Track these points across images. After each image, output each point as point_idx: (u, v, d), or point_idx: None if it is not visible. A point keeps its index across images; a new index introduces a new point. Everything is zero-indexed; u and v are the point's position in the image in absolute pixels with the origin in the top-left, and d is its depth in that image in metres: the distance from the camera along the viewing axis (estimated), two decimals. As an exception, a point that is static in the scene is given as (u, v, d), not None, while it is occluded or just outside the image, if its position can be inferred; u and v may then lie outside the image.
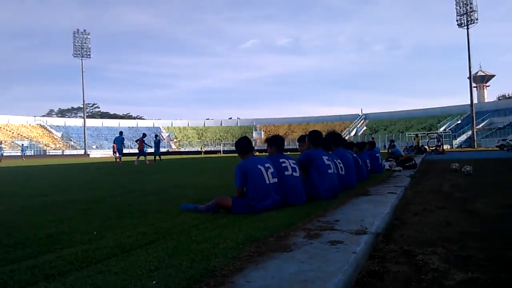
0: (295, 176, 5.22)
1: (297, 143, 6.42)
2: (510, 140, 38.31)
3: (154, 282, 2.20)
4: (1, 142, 56.03)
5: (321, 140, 6.16)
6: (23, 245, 3.41)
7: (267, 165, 4.89)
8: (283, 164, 5.20)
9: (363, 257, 2.84)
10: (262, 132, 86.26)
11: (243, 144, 5.16)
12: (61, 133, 77.38)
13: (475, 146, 52.37)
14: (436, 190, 7.34)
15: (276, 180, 4.89)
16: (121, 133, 27.72)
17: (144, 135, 27.10)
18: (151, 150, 28.22)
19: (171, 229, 3.88)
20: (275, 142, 5.49)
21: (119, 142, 26.66)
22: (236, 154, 5.27)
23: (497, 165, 15.00)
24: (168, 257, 2.79)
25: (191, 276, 2.26)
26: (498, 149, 42.80)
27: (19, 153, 56.61)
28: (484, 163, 16.26)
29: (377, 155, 11.31)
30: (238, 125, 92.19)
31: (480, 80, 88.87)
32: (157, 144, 28.07)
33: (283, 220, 3.94)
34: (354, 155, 8.39)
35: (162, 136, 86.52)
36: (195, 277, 2.25)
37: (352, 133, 78.26)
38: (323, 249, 2.88)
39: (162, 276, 2.29)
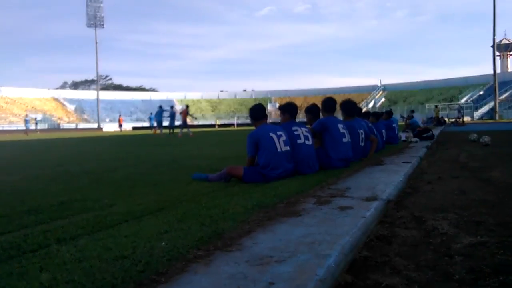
0: (308, 144, 5.19)
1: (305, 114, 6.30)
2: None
3: (163, 243, 2.23)
4: (26, 115, 56.77)
5: (335, 107, 6.09)
6: (36, 212, 3.47)
7: (279, 133, 4.86)
8: (296, 132, 5.17)
9: (372, 222, 2.83)
10: (277, 104, 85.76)
11: (257, 110, 5.14)
12: (75, 106, 77.78)
13: (497, 118, 51.35)
14: (452, 160, 7.26)
15: (288, 148, 4.87)
16: (160, 107, 28.99)
17: (187, 106, 27.86)
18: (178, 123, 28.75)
19: (181, 197, 3.92)
20: (288, 109, 5.44)
21: (159, 115, 28.14)
22: (250, 127, 5.26)
23: (515, 137, 14.75)
24: (177, 221, 2.82)
25: (199, 238, 2.29)
26: (519, 121, 42.02)
27: (33, 127, 57.42)
28: (504, 134, 15.99)
29: (393, 125, 11.16)
30: (253, 97, 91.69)
31: (504, 48, 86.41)
32: (173, 116, 28.24)
33: (294, 188, 3.95)
34: (370, 124, 8.31)
35: (176, 109, 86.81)
36: (204, 239, 2.28)
37: (370, 105, 77.30)
38: (332, 214, 2.88)
39: (171, 238, 2.32)
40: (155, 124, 28.23)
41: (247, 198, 3.57)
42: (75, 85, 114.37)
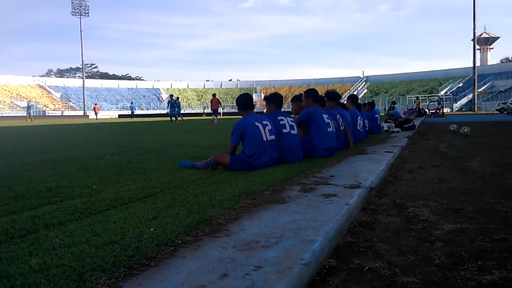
0: (293, 134, 5.25)
1: (290, 103, 6.41)
2: (510, 104, 38.15)
3: (152, 229, 2.27)
4: (29, 101, 55.90)
5: (322, 99, 6.17)
6: (23, 197, 3.47)
7: (264, 122, 4.91)
8: (281, 122, 5.22)
9: (356, 208, 2.91)
10: (262, 94, 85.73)
11: (244, 99, 5.17)
12: (60, 93, 76.82)
13: (476, 110, 52.20)
14: (433, 150, 7.40)
15: (273, 137, 4.92)
16: (171, 96, 29.92)
17: (214, 95, 28.95)
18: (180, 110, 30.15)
19: (169, 184, 3.95)
20: (274, 99, 5.49)
21: (172, 105, 28.75)
22: (236, 116, 5.28)
23: (495, 127, 15.05)
24: (165, 208, 2.86)
25: (187, 224, 2.33)
26: (498, 112, 42.77)
27: (20, 114, 56.53)
28: (482, 125, 16.29)
29: (376, 116, 11.35)
30: (238, 87, 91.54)
31: (484, 42, 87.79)
32: (173, 104, 28.85)
33: (279, 176, 4.00)
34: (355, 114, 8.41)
35: (161, 98, 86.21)
36: (192, 225, 2.32)
37: (353, 96, 77.70)
38: (317, 201, 2.95)
39: (159, 224, 2.36)
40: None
41: (233, 185, 3.62)
42: (60, 73, 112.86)
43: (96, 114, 53.93)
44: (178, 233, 2.18)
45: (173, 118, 28.87)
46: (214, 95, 28.99)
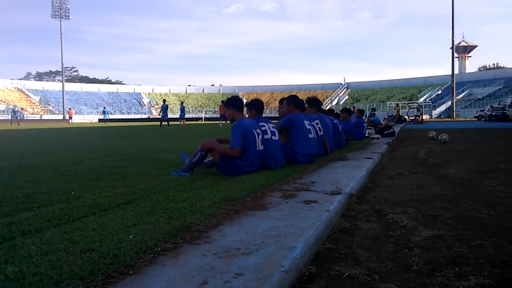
0: (274, 140, 5.26)
1: (278, 105, 6.45)
2: (487, 111, 38.99)
3: (131, 236, 2.24)
4: (14, 106, 54.85)
5: (303, 105, 6.21)
6: (0, 203, 3.41)
7: (258, 130, 4.92)
8: (263, 128, 5.22)
9: (336, 215, 2.92)
10: (245, 99, 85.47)
11: (239, 101, 5.16)
12: (39, 97, 75.62)
13: (454, 117, 53.11)
14: (412, 156, 7.51)
15: (262, 147, 4.94)
16: (164, 101, 30.25)
17: (223, 101, 28.95)
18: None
19: (149, 190, 3.92)
20: (255, 105, 5.49)
21: (164, 110, 29.13)
22: (217, 121, 5.20)
23: (473, 134, 15.34)
24: (145, 214, 2.83)
25: (167, 231, 2.31)
26: (476, 119, 43.61)
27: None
28: (460, 132, 16.59)
29: (364, 124, 11.73)
30: (221, 92, 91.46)
31: (462, 50, 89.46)
32: (165, 109, 29.16)
33: (260, 182, 4.00)
34: (335, 121, 8.49)
35: (143, 102, 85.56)
36: (172, 232, 2.30)
37: (334, 102, 78.48)
38: (297, 207, 2.95)
39: (139, 231, 2.33)
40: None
41: (214, 191, 3.60)
42: (39, 76, 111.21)
43: (70, 118, 53.14)
44: (157, 240, 2.16)
45: (164, 123, 29.17)
46: (222, 101, 29.70)
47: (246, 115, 5.52)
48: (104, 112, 49.91)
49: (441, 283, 1.79)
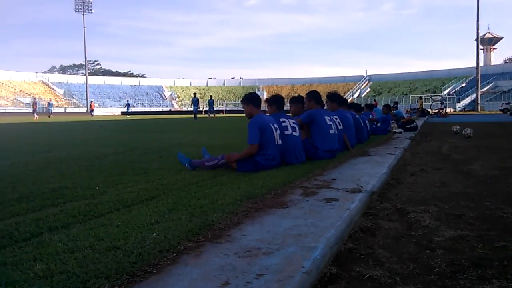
0: (295, 136, 5.27)
1: (289, 105, 6.40)
2: (513, 104, 38.12)
3: (154, 234, 2.29)
4: (50, 99, 56.07)
5: (322, 100, 6.19)
6: (27, 199, 3.50)
7: (275, 125, 4.95)
8: (283, 124, 5.24)
9: (357, 214, 2.92)
10: (265, 93, 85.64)
11: (257, 97, 5.21)
12: (63, 90, 77.02)
13: (479, 110, 52.09)
14: (435, 152, 7.41)
15: (281, 142, 4.96)
16: (194, 94, 32.24)
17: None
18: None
19: (171, 186, 3.97)
20: (275, 101, 5.50)
21: (195, 103, 30.52)
22: (238, 114, 5.24)
23: (498, 129, 15.04)
24: (168, 211, 2.88)
25: (190, 229, 2.35)
26: (501, 112, 42.70)
27: (22, 110, 56.65)
28: (485, 126, 16.28)
29: (390, 121, 11.73)
30: (241, 85, 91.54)
31: (487, 42, 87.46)
32: (196, 103, 30.37)
33: (281, 179, 4.02)
34: (357, 116, 8.43)
35: (164, 95, 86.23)
36: (194, 230, 2.34)
37: (356, 95, 77.75)
38: (318, 205, 2.96)
39: (162, 229, 2.38)
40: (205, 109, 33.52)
41: (235, 188, 3.64)
42: (63, 69, 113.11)
43: (92, 111, 54.02)
44: (180, 238, 2.19)
45: (197, 116, 30.21)
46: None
47: (266, 111, 5.53)
48: (128, 105, 50.62)
49: (463, 286, 1.78)
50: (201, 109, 31.75)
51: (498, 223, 2.77)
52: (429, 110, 37.15)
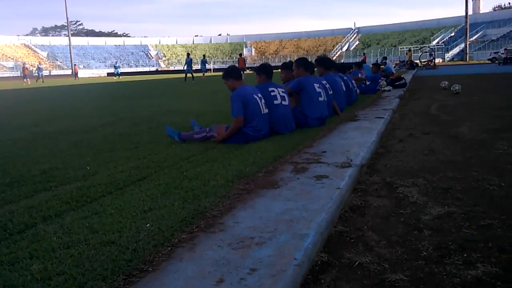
0: (284, 105, 5.25)
1: (280, 70, 6.42)
2: (501, 53, 38.05)
3: (148, 225, 2.32)
4: (39, 63, 54.65)
5: (312, 67, 6.12)
6: (18, 183, 3.52)
7: (259, 95, 4.92)
8: (272, 93, 5.21)
9: (347, 191, 2.97)
10: (253, 49, 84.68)
11: (236, 70, 5.20)
12: (47, 52, 75.42)
13: (467, 59, 52.05)
14: (423, 112, 7.46)
15: (267, 111, 4.94)
16: (188, 54, 31.60)
17: (241, 54, 34.26)
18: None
19: (162, 162, 3.99)
20: (264, 70, 5.44)
21: (188, 63, 29.83)
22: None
23: (486, 83, 15.10)
24: (160, 195, 2.90)
25: (183, 218, 2.37)
26: (489, 62, 42.70)
27: (6, 74, 55.54)
28: (473, 80, 16.33)
29: (379, 80, 11.73)
30: (228, 41, 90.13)
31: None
32: (189, 63, 29.79)
33: (271, 153, 4.03)
34: (345, 77, 8.39)
35: (150, 55, 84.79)
36: (187, 219, 2.37)
37: (344, 48, 77.13)
38: (309, 184, 3.00)
39: (155, 218, 2.40)
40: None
41: (226, 166, 3.65)
42: (45, 31, 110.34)
43: (76, 74, 53.05)
44: (174, 230, 2.22)
45: (188, 76, 29.44)
46: (240, 54, 33.36)
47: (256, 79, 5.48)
48: (115, 67, 49.95)
49: (449, 273, 1.85)
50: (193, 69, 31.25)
51: (485, 197, 2.83)
52: (418, 61, 36.98)
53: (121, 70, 54.02)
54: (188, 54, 31.80)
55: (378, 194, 3.03)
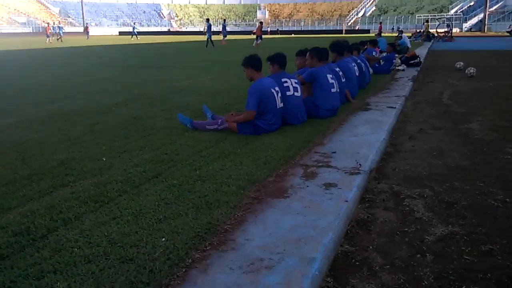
0: (296, 96, 5.29)
1: (294, 57, 6.44)
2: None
3: (164, 239, 2.45)
4: (59, 22, 54.50)
5: (327, 55, 6.08)
6: (38, 177, 3.64)
7: (276, 88, 4.95)
8: (285, 84, 5.24)
9: (354, 203, 3.07)
10: (267, 11, 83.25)
11: (257, 60, 5.02)
12: (59, 9, 74.86)
13: (485, 31, 50.88)
14: (436, 101, 7.44)
15: (282, 105, 4.99)
16: (207, 20, 31.41)
17: (261, 22, 33.39)
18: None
19: (175, 156, 4.11)
20: (277, 59, 5.43)
21: (209, 29, 29.34)
22: (240, 35, 5.08)
23: (502, 62, 14.88)
24: (174, 199, 3.05)
25: (196, 233, 2.50)
26: (508, 34, 41.76)
27: (18, 30, 55.45)
28: (489, 59, 16.08)
29: (393, 60, 11.62)
30: (242, 3, 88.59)
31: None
32: (209, 28, 29.48)
33: (283, 152, 4.13)
34: (358, 60, 8.33)
35: (162, 14, 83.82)
36: (200, 234, 2.49)
37: (360, 14, 75.52)
38: (318, 194, 3.10)
39: (169, 231, 2.54)
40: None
41: (238, 165, 3.77)
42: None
43: (87, 33, 52.63)
44: (188, 247, 2.35)
45: (210, 42, 28.94)
46: (261, 22, 33.04)
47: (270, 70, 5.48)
48: (133, 28, 50.12)
49: (447, 308, 1.96)
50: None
51: (489, 216, 2.92)
52: (434, 31, 36.15)
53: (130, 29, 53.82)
54: (207, 20, 31.41)
55: (384, 206, 3.13)
